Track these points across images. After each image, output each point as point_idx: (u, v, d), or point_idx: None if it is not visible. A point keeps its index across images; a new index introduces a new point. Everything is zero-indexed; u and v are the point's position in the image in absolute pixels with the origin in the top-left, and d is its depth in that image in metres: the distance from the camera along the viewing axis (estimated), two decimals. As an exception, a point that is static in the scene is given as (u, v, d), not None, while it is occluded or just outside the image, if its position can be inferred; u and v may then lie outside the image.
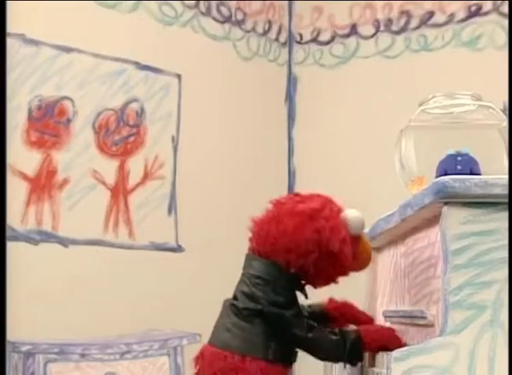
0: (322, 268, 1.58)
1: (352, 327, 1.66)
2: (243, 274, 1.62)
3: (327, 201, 1.63)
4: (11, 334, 2.26)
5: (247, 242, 1.70)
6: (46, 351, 2.49)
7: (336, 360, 1.61)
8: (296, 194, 1.67)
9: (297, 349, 1.60)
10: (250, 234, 1.65)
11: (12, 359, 2.49)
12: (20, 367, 2.47)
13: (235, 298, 1.60)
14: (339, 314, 1.71)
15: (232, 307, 1.59)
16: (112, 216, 2.96)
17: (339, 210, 1.62)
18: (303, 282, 1.62)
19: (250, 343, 1.53)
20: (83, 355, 2.55)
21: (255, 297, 1.55)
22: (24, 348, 2.47)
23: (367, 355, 1.61)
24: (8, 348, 2.44)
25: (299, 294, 1.62)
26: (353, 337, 1.56)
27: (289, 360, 1.59)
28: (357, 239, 1.62)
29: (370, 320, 1.77)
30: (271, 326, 1.53)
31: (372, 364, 1.58)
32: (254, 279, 1.57)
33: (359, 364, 1.65)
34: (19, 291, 2.63)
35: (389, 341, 1.57)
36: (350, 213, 1.62)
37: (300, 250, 1.55)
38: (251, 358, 1.52)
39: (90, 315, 2.82)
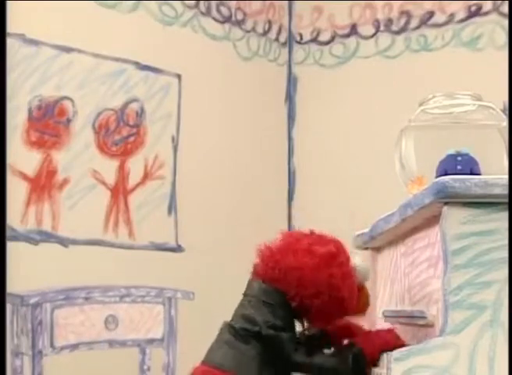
0: (325, 311, 1.58)
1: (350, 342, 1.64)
2: (243, 297, 1.62)
3: (341, 247, 1.64)
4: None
5: (247, 242, 1.71)
6: (53, 300, 2.64)
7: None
8: (310, 232, 1.67)
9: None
10: (256, 260, 1.64)
11: (20, 311, 2.60)
12: (29, 317, 2.59)
13: (233, 319, 1.59)
14: (340, 333, 1.69)
15: (229, 327, 1.58)
16: (112, 216, 2.96)
17: (349, 257, 1.64)
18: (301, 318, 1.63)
19: (243, 364, 1.52)
20: (86, 298, 2.72)
21: (254, 318, 1.55)
22: (32, 301, 2.60)
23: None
24: (16, 301, 2.58)
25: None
26: (354, 352, 1.55)
27: None
28: (360, 287, 1.65)
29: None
30: (267, 350, 1.52)
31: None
32: (255, 302, 1.58)
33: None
34: (19, 291, 2.63)
35: (390, 346, 1.57)
36: (359, 262, 1.65)
37: (310, 290, 1.55)
38: None
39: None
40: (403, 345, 1.57)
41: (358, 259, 1.66)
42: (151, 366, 2.95)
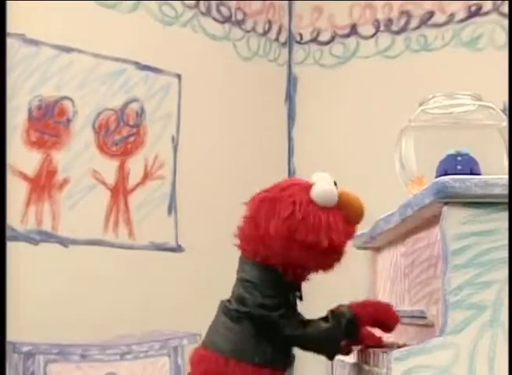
0: (318, 255, 1.54)
1: (344, 307, 1.62)
2: (237, 276, 1.62)
3: (294, 199, 1.55)
4: (11, 335, 2.26)
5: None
6: (46, 352, 2.50)
7: (335, 346, 1.58)
8: (265, 195, 1.65)
9: (293, 351, 1.59)
10: (238, 235, 1.64)
11: (12, 360, 2.49)
12: (20, 367, 2.47)
13: (229, 299, 1.60)
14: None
15: (224, 308, 1.59)
16: (112, 216, 2.96)
17: (307, 198, 1.54)
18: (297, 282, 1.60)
19: (236, 345, 1.52)
20: (83, 356, 2.56)
21: (244, 299, 1.55)
22: (24, 349, 2.48)
23: (367, 354, 1.61)
24: (8, 348, 2.44)
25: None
26: (348, 317, 1.55)
27: (280, 364, 1.57)
28: (338, 205, 1.56)
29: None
30: (259, 329, 1.53)
31: (372, 364, 1.58)
32: (244, 282, 1.57)
33: (360, 364, 1.65)
34: (19, 291, 2.63)
35: (385, 316, 1.57)
36: (315, 193, 1.54)
37: (296, 263, 1.54)
38: (236, 361, 1.51)
39: (90, 314, 2.82)
40: (396, 318, 1.58)
41: (315, 190, 1.55)
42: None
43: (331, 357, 1.61)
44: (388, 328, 1.59)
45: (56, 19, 2.87)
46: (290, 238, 1.52)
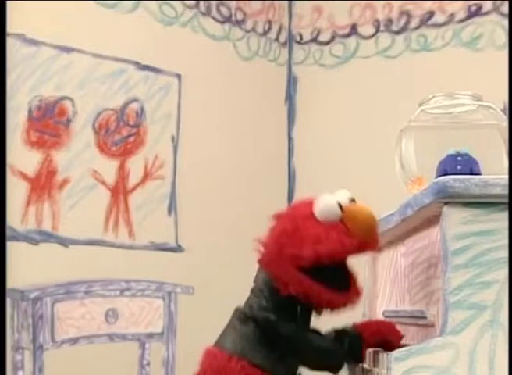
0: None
1: (348, 327, 1.64)
2: (253, 285, 1.65)
3: (292, 213, 1.59)
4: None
5: (246, 242, 1.71)
6: (53, 293, 2.66)
7: (332, 360, 1.59)
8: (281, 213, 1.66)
9: (292, 356, 1.59)
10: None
11: (21, 306, 2.61)
12: (29, 311, 2.61)
13: (244, 306, 1.63)
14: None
15: (235, 311, 1.63)
16: (112, 216, 2.96)
17: (308, 212, 1.56)
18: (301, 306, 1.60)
19: (240, 345, 1.55)
20: (86, 292, 2.74)
21: (252, 304, 1.59)
22: (32, 295, 2.61)
23: (367, 354, 1.61)
24: (16, 295, 2.60)
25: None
26: (351, 336, 1.56)
27: (283, 373, 1.58)
28: (341, 220, 1.55)
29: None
30: (262, 333, 1.54)
31: (372, 364, 1.58)
32: (256, 289, 1.61)
33: (360, 364, 1.65)
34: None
35: (388, 335, 1.57)
36: (317, 207, 1.56)
37: (283, 279, 1.54)
38: (238, 358, 1.53)
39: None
40: (400, 336, 1.58)
41: (318, 203, 1.56)
42: (151, 361, 2.95)
43: (334, 370, 1.60)
44: (391, 347, 1.59)
45: (56, 19, 2.86)
46: (280, 253, 1.54)
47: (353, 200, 1.58)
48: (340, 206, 1.57)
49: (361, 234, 1.54)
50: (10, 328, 2.63)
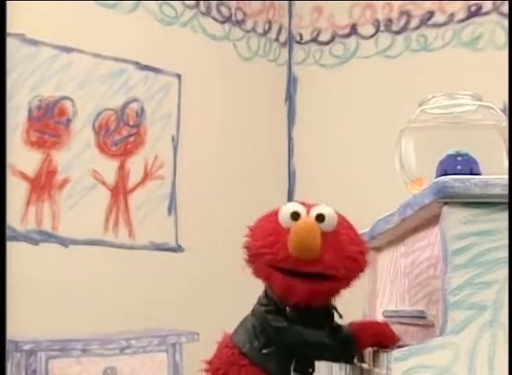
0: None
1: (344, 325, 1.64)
2: None
3: (254, 228, 1.66)
4: (12, 334, 2.26)
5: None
6: (48, 349, 2.53)
7: (322, 353, 1.59)
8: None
9: (284, 349, 1.60)
10: None
11: (15, 358, 2.51)
12: (23, 365, 2.50)
13: None
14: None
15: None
16: (112, 216, 2.96)
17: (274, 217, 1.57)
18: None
19: (239, 333, 1.59)
20: (84, 351, 2.59)
21: (259, 298, 1.61)
22: (26, 347, 2.50)
23: (367, 354, 1.61)
24: (10, 347, 2.47)
25: None
26: (345, 335, 1.56)
27: (271, 367, 1.58)
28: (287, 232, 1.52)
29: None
30: (258, 325, 1.56)
31: (372, 364, 1.57)
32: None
33: (357, 363, 1.65)
34: (20, 291, 2.63)
35: (384, 338, 1.57)
36: (282, 210, 1.55)
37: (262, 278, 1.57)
38: (233, 345, 1.56)
39: (90, 315, 2.82)
40: (396, 339, 1.58)
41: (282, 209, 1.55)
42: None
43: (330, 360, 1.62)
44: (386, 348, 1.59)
45: (56, 19, 2.87)
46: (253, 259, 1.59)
47: (320, 216, 1.53)
48: (295, 217, 1.53)
49: (294, 245, 1.50)
50: (4, 380, 2.56)
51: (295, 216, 1.52)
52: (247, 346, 1.56)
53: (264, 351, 1.55)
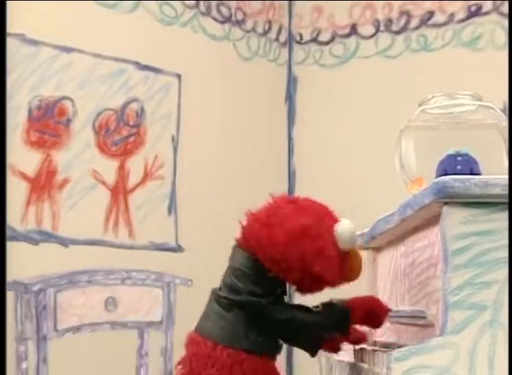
0: (301, 285, 1.58)
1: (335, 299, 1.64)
2: (228, 265, 1.64)
3: (321, 215, 1.60)
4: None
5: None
6: (56, 284, 2.71)
7: (322, 334, 1.59)
8: (294, 200, 1.66)
9: (280, 341, 1.60)
10: (240, 225, 1.65)
11: (24, 297, 2.65)
12: (32, 303, 2.64)
13: (220, 287, 1.63)
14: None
15: (215, 296, 1.62)
16: (112, 216, 2.96)
17: (332, 224, 1.59)
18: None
19: (226, 332, 1.55)
20: (89, 281, 2.80)
21: (235, 288, 1.58)
22: (35, 288, 2.65)
23: (367, 354, 1.61)
24: (19, 289, 2.63)
25: None
26: (340, 312, 1.57)
27: (269, 352, 1.58)
28: (347, 254, 1.60)
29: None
30: (249, 317, 1.55)
31: (372, 364, 1.58)
32: (236, 271, 1.60)
33: (357, 363, 1.65)
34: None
35: (375, 307, 1.58)
36: (341, 227, 1.59)
37: (282, 265, 1.55)
38: (223, 346, 1.53)
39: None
40: (386, 309, 1.61)
41: (342, 224, 1.59)
42: (149, 350, 2.97)
43: (314, 350, 1.61)
44: (378, 321, 1.61)
45: (56, 19, 2.86)
46: (296, 242, 1.55)
47: None
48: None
49: (348, 279, 1.62)
50: (13, 320, 2.63)
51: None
52: (246, 342, 1.55)
53: (260, 338, 1.55)
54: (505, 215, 1.37)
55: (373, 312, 1.59)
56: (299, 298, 1.65)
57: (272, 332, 1.57)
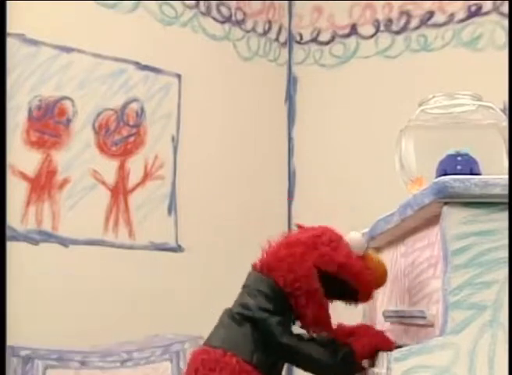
0: (317, 297, 1.59)
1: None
2: (242, 288, 1.66)
3: (327, 229, 1.67)
4: (11, 338, 2.26)
5: (246, 242, 1.72)
6: (45, 357, 2.49)
7: (324, 372, 1.60)
8: (300, 226, 1.73)
9: (285, 361, 1.61)
10: (261, 255, 1.69)
11: (12, 364, 2.48)
12: (19, 372, 2.47)
13: (233, 306, 1.65)
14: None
15: (228, 311, 1.65)
16: (112, 216, 2.96)
17: (340, 236, 1.66)
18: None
19: (235, 342, 1.57)
20: (83, 363, 2.54)
21: (247, 304, 1.61)
22: (23, 353, 2.47)
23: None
24: (7, 352, 2.44)
25: None
26: (345, 351, 1.56)
27: (274, 372, 1.59)
28: (363, 257, 1.64)
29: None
30: (258, 334, 1.56)
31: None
32: (251, 290, 1.63)
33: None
34: (19, 291, 2.63)
35: (381, 347, 1.57)
36: (350, 235, 1.66)
37: (299, 272, 1.58)
38: (233, 354, 1.55)
39: (90, 314, 2.82)
40: (393, 346, 1.58)
41: (351, 233, 1.66)
42: None
43: None
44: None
45: (56, 19, 2.86)
46: (312, 248, 1.58)
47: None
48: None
49: (377, 283, 1.67)
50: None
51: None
52: (254, 356, 1.55)
53: (265, 358, 1.56)
54: (505, 215, 1.37)
55: (378, 350, 1.58)
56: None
57: (276, 353, 1.57)
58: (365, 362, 1.61)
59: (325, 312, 1.62)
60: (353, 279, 1.61)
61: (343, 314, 1.68)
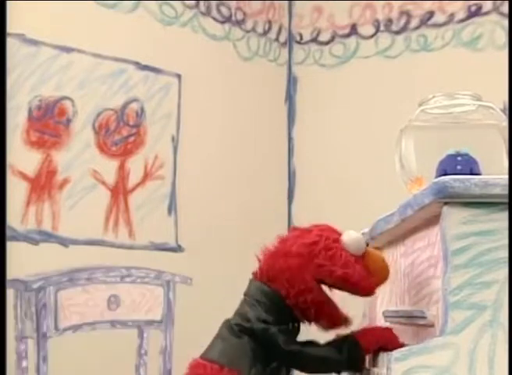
0: (322, 304, 1.59)
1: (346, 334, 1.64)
2: (243, 297, 1.65)
3: (322, 233, 1.62)
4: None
5: (246, 242, 1.72)
6: (57, 282, 2.71)
7: (333, 369, 1.59)
8: (297, 228, 1.69)
9: (292, 368, 1.60)
10: (258, 262, 1.67)
11: (25, 295, 2.65)
12: (33, 301, 2.65)
13: (232, 317, 1.64)
14: None
15: (226, 324, 1.62)
16: (112, 216, 2.96)
17: (337, 237, 1.62)
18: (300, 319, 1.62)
19: (233, 357, 1.55)
20: (88, 279, 2.80)
21: (247, 315, 1.59)
22: (35, 286, 2.65)
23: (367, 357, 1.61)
24: (20, 287, 2.63)
25: None
26: (350, 344, 1.56)
27: None
28: (362, 257, 1.62)
29: None
30: (259, 344, 1.54)
31: (372, 364, 1.58)
32: (251, 301, 1.61)
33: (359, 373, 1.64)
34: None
35: (387, 342, 1.57)
36: (347, 236, 1.62)
37: (301, 286, 1.56)
38: (229, 369, 1.53)
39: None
40: (399, 343, 1.58)
41: (347, 234, 1.63)
42: (149, 350, 2.96)
43: None
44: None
45: (56, 19, 2.86)
46: (308, 260, 1.56)
47: (367, 244, 1.68)
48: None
49: (379, 280, 1.65)
50: (13, 318, 2.63)
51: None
52: (252, 370, 1.54)
53: (266, 372, 1.55)
54: (505, 215, 1.37)
55: (385, 346, 1.57)
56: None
57: (280, 363, 1.56)
58: (366, 364, 1.61)
59: (337, 312, 1.61)
60: (353, 288, 1.60)
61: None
